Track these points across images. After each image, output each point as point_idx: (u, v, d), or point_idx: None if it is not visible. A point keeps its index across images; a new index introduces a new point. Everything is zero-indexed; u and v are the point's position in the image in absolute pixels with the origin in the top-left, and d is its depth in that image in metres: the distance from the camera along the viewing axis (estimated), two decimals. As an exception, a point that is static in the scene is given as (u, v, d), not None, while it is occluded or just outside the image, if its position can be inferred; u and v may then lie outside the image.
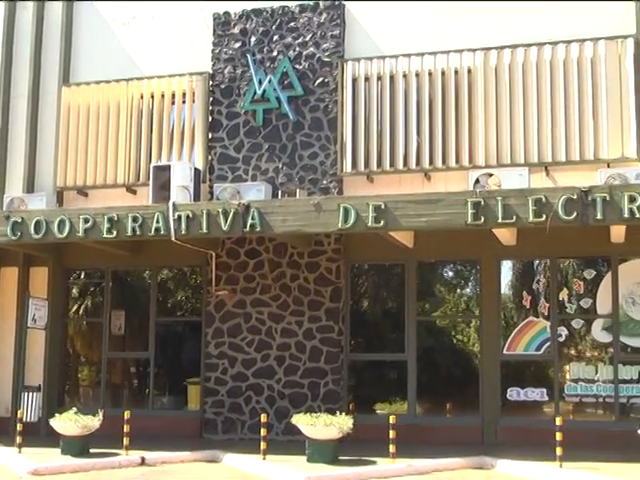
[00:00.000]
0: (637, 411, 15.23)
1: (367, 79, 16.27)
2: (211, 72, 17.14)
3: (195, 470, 13.45)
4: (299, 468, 12.77)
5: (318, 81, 16.52)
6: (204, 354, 16.59)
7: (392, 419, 13.31)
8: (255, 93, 16.69)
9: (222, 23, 17.21)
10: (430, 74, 16.00)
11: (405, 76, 16.11)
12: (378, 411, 16.38)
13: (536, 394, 15.57)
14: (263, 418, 13.86)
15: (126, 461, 13.68)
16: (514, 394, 15.57)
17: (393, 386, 16.61)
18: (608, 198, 12.81)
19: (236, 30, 17.12)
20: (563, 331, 15.63)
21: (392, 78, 16.16)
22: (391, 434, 13.22)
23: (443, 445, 14.53)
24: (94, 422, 14.21)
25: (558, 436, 12.76)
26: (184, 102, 17.19)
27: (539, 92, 15.52)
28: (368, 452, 13.75)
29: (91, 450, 14.12)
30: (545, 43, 15.54)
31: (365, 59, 16.28)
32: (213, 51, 17.19)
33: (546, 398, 15.55)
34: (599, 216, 12.84)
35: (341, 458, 13.41)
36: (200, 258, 16.54)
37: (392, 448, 13.16)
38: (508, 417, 15.49)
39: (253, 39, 16.99)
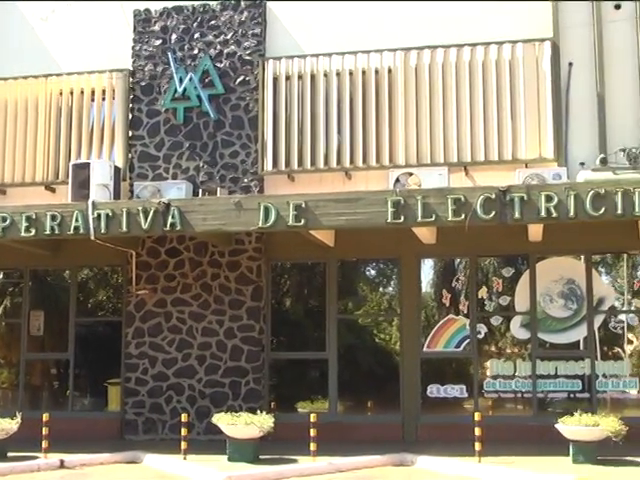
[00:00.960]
0: (554, 406, 15.50)
1: (288, 78, 16.27)
2: (131, 69, 16.97)
3: (115, 472, 13.32)
4: (220, 468, 12.75)
5: (239, 79, 16.48)
6: (124, 354, 16.44)
7: (313, 417, 13.38)
8: (176, 91, 16.58)
9: (142, 20, 17.06)
10: (351, 73, 16.07)
11: (326, 75, 16.15)
12: (299, 410, 16.39)
13: (456, 391, 15.76)
14: (184, 418, 13.85)
15: (45, 464, 13.48)
16: (434, 391, 15.75)
17: (314, 384, 16.64)
18: (526, 198, 13.04)
19: (157, 27, 16.99)
20: (482, 328, 15.84)
21: (313, 77, 16.19)
22: (312, 432, 13.29)
23: (364, 443, 14.60)
24: (12, 425, 13.99)
25: (477, 432, 12.96)
26: (104, 99, 17.00)
27: (458, 93, 15.70)
28: (289, 451, 13.77)
29: (9, 454, 13.87)
30: (464, 44, 15.71)
31: (286, 58, 16.27)
32: (134, 48, 17.02)
33: (466, 395, 15.75)
34: (517, 215, 13.06)
35: (262, 457, 13.43)
36: (120, 257, 16.39)
37: (313, 446, 13.23)
38: (428, 414, 15.65)
39: (174, 37, 16.87)
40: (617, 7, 15.58)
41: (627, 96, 15.35)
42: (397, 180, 15.13)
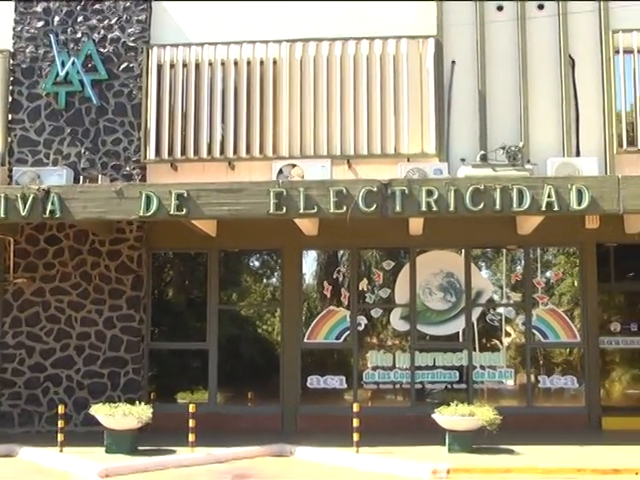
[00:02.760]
0: (432, 396, 15.80)
1: (172, 66, 16.14)
2: (12, 50, 16.54)
3: (-12, 465, 13.06)
4: (97, 459, 12.63)
5: (123, 66, 16.25)
6: (1, 344, 16.05)
7: (192, 408, 13.36)
8: (58, 75, 16.25)
9: (24, 0, 16.64)
10: (236, 63, 16.04)
11: (211, 64, 16.08)
12: (179, 400, 16.32)
13: (335, 382, 15.92)
14: (61, 409, 13.66)
15: None
16: (314, 382, 15.89)
17: (195, 375, 16.54)
18: (407, 191, 13.23)
19: (39, 8, 16.60)
20: (363, 320, 16.05)
21: (198, 66, 16.10)
22: (191, 423, 13.26)
23: (244, 434, 14.62)
24: None
25: (355, 422, 13.10)
26: (-17, 81, 16.58)
27: (343, 86, 15.82)
28: (168, 442, 13.71)
29: None
30: (350, 38, 15.83)
31: (171, 46, 16.14)
32: (14, 29, 16.59)
33: (345, 386, 15.94)
34: (398, 209, 13.23)
35: (140, 448, 13.33)
36: (-3, 244, 16.04)
37: (192, 437, 13.22)
38: (308, 405, 15.78)
39: (57, 19, 16.52)
40: (499, 8, 15.93)
41: (508, 95, 15.71)
42: (280, 171, 15.13)
